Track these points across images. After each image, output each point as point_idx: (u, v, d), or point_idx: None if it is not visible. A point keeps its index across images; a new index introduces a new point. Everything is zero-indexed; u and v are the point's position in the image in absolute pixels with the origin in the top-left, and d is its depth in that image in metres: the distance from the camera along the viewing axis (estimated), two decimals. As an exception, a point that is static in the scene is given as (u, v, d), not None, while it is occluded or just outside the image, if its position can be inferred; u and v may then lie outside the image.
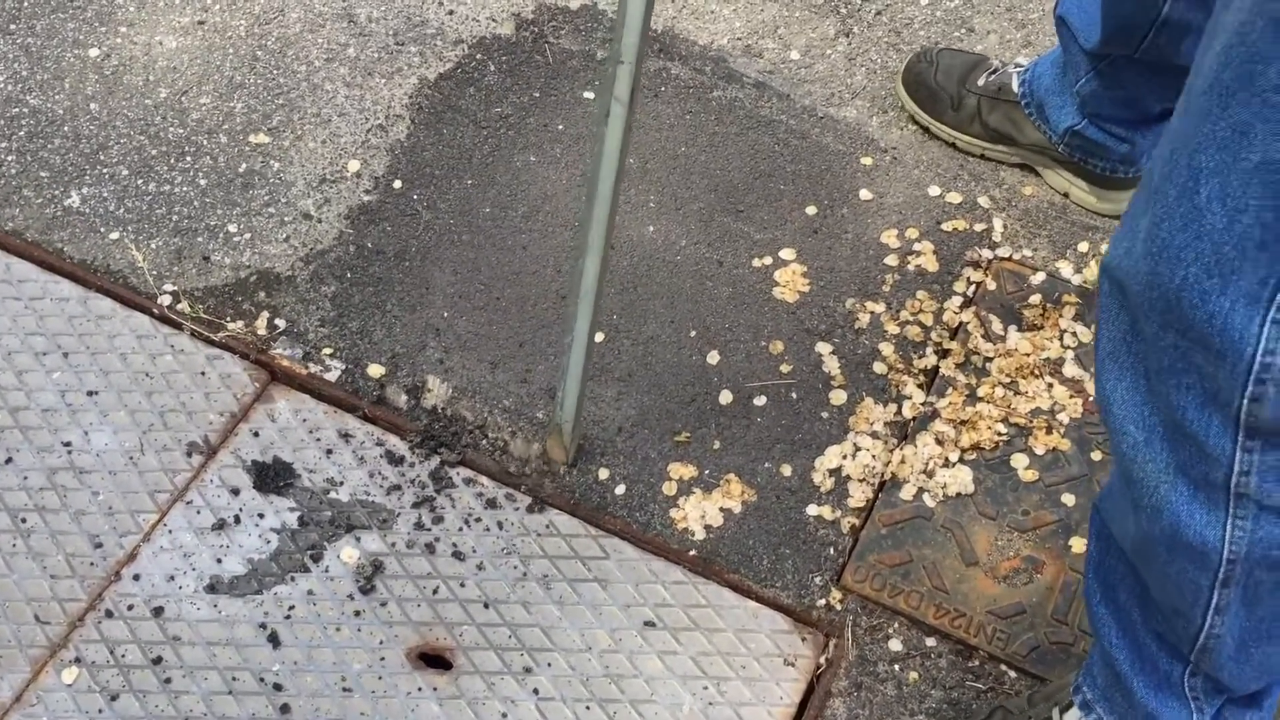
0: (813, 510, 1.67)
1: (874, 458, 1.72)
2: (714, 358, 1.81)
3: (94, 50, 2.09)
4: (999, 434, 1.74)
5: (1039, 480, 1.71)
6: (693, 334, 1.83)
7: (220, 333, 1.78)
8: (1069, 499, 1.69)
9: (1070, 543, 1.65)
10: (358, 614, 1.55)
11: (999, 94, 1.98)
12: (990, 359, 1.81)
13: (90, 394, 1.71)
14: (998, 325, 1.85)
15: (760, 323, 1.84)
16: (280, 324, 1.80)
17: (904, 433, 1.75)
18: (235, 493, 1.63)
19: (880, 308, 1.86)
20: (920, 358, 1.81)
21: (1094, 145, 1.89)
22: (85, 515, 1.61)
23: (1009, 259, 1.92)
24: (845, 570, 1.62)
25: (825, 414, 1.76)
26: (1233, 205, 0.94)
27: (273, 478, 1.65)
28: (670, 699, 1.51)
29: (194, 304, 1.81)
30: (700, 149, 2.03)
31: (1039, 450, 1.73)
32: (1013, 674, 1.56)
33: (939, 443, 1.73)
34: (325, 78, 2.08)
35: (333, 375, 1.76)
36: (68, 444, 1.66)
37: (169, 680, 1.50)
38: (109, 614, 1.54)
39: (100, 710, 1.47)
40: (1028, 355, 1.81)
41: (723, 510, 1.67)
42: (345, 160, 1.99)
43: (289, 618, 1.55)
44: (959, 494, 1.69)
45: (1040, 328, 1.84)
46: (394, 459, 1.68)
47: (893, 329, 1.84)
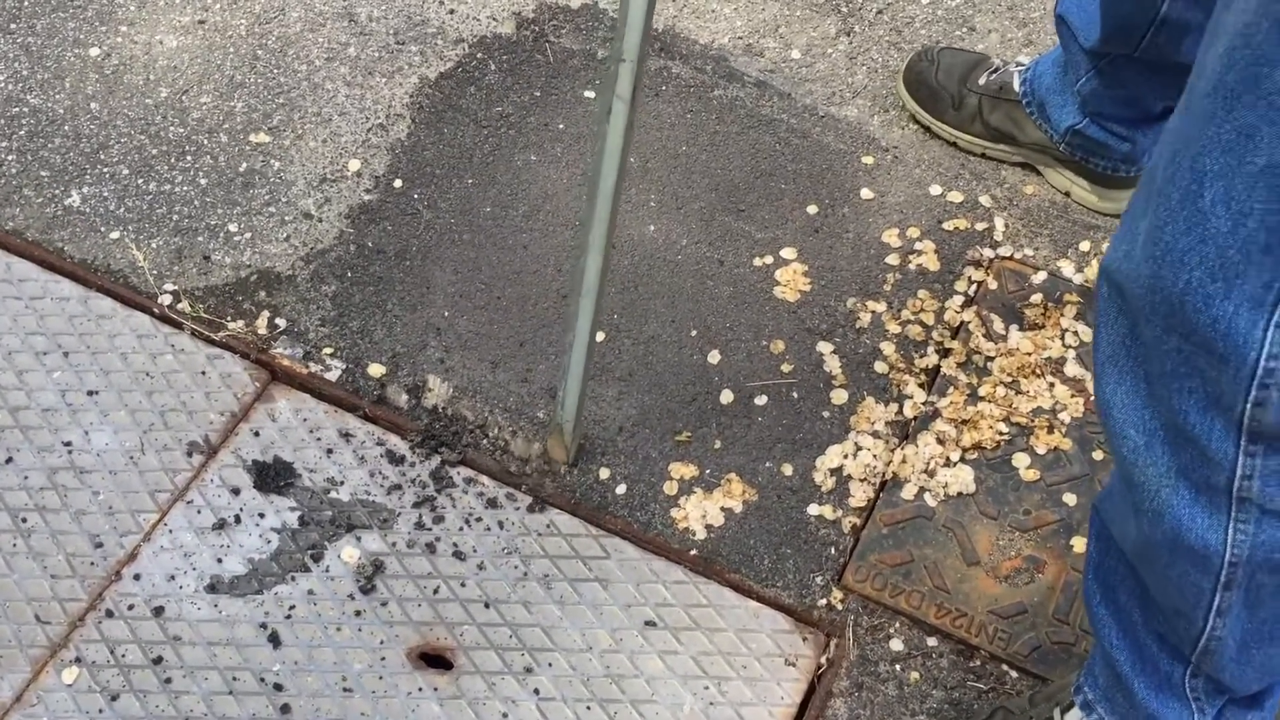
0: (814, 510, 1.67)
1: (875, 457, 1.72)
2: (715, 357, 1.80)
3: (94, 49, 2.09)
4: (1000, 433, 1.74)
5: (1040, 480, 1.71)
6: (694, 333, 1.83)
7: (221, 332, 1.78)
8: (1070, 498, 1.69)
9: (1072, 542, 1.65)
10: (358, 614, 1.55)
11: (1000, 93, 1.98)
12: (992, 358, 1.81)
13: (91, 393, 1.71)
14: (999, 324, 1.85)
15: (761, 322, 1.84)
16: (281, 323, 1.80)
17: (905, 432, 1.74)
18: (236, 492, 1.63)
19: (881, 307, 1.86)
20: (921, 357, 1.81)
21: (1095, 144, 1.89)
22: (86, 515, 1.61)
23: (1010, 258, 1.92)
24: (846, 570, 1.62)
25: (826, 413, 1.76)
26: (1237, 209, 0.94)
27: (273, 477, 1.65)
28: (671, 699, 1.51)
29: (194, 303, 1.81)
30: (701, 148, 2.03)
31: (1040, 450, 1.73)
32: (1014, 674, 1.56)
33: (940, 442, 1.72)
34: (326, 77, 2.08)
35: (333, 375, 1.76)
36: (68, 444, 1.66)
37: (169, 680, 1.50)
38: (109, 614, 1.53)
39: (101, 710, 1.47)
40: (1029, 354, 1.81)
41: (724, 510, 1.67)
42: (346, 159, 1.98)
43: (289, 617, 1.55)
44: (960, 493, 1.69)
45: (1042, 327, 1.84)
46: (395, 458, 1.68)
47: (894, 328, 1.84)
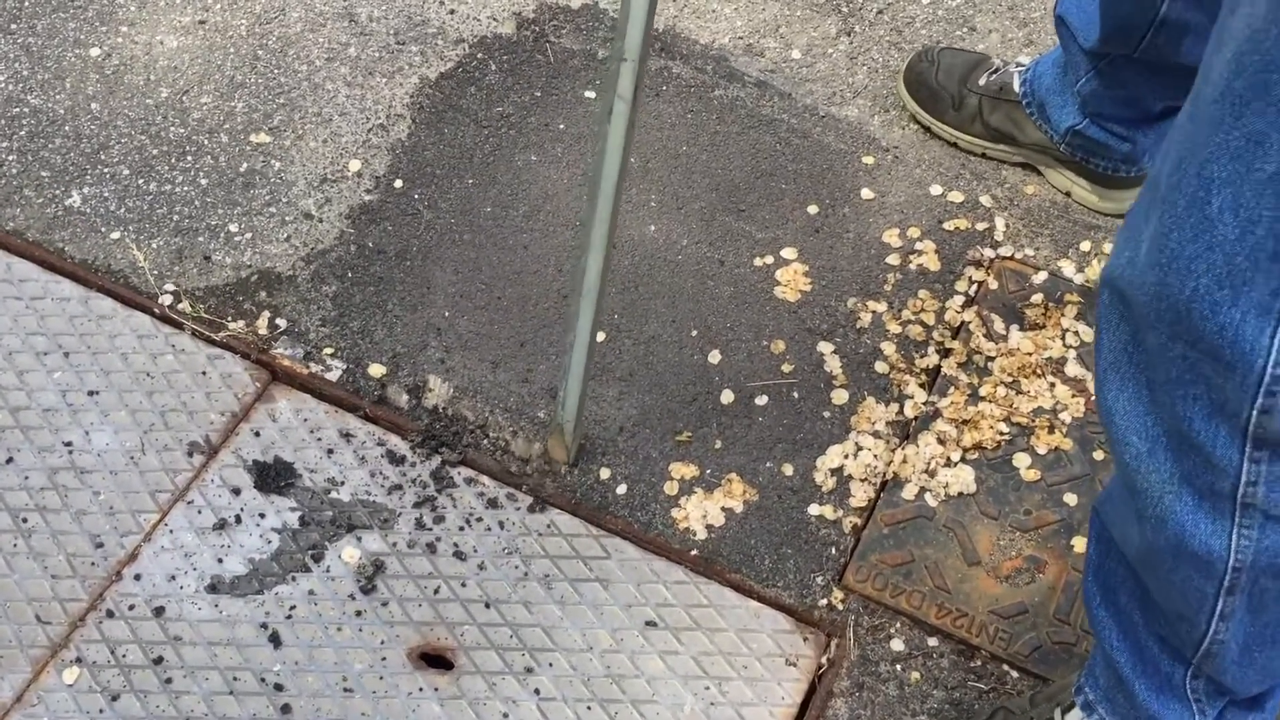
0: (814, 510, 1.67)
1: (876, 457, 1.72)
2: (715, 357, 1.80)
3: (95, 50, 2.09)
4: (1001, 433, 1.74)
5: (1041, 480, 1.71)
6: (694, 333, 1.83)
7: (221, 332, 1.78)
8: (1071, 498, 1.69)
9: (1072, 542, 1.65)
10: (359, 614, 1.55)
11: (1000, 93, 1.98)
12: (992, 358, 1.81)
13: (91, 394, 1.71)
14: (1000, 324, 1.85)
15: (762, 322, 1.84)
16: (281, 323, 1.80)
17: (906, 432, 1.74)
18: (236, 492, 1.63)
19: (882, 307, 1.86)
20: (922, 357, 1.81)
21: (1095, 144, 1.89)
22: (86, 515, 1.61)
23: (1011, 258, 1.92)
24: (847, 570, 1.62)
25: (827, 413, 1.76)
26: (1246, 216, 0.93)
27: (274, 477, 1.65)
28: (672, 699, 1.51)
29: (195, 304, 1.81)
30: (702, 148, 2.03)
31: (1041, 450, 1.73)
32: (1015, 674, 1.56)
33: (941, 442, 1.72)
34: (326, 77, 2.08)
35: (334, 375, 1.76)
36: (69, 444, 1.66)
37: (170, 680, 1.50)
38: (110, 614, 1.53)
39: (101, 710, 1.47)
40: (1030, 354, 1.81)
41: (724, 510, 1.67)
42: (346, 160, 1.98)
43: (290, 618, 1.55)
44: (961, 493, 1.69)
45: (1042, 327, 1.84)
46: (395, 459, 1.68)
47: (894, 328, 1.84)
